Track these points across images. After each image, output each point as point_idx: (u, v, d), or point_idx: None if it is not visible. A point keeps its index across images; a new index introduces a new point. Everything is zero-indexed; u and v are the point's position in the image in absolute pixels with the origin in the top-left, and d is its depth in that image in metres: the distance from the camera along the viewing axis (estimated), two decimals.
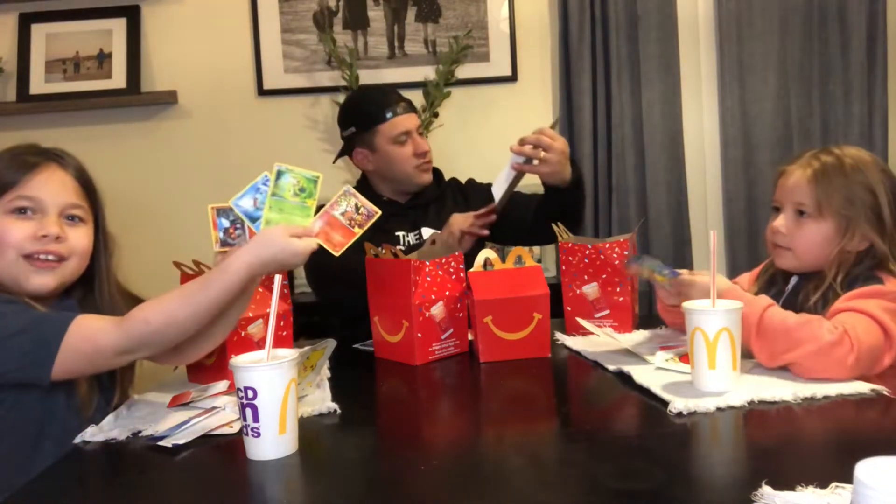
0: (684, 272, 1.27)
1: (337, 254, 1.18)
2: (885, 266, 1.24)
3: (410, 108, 1.90)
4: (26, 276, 1.14)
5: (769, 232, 1.34)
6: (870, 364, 1.12)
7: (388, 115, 1.84)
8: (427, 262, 1.39)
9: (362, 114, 1.89)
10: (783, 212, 1.32)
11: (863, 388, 1.05)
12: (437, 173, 2.02)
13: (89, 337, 1.06)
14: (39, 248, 1.14)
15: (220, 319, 1.13)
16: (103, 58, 2.58)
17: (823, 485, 0.72)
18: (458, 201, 1.99)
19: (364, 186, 1.97)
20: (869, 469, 0.52)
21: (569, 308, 1.52)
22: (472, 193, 2.02)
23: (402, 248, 1.80)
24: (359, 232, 1.19)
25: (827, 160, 1.29)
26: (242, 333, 1.26)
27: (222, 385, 1.21)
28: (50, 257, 1.15)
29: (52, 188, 1.17)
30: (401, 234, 1.86)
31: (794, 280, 1.34)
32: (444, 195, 1.98)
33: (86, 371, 1.10)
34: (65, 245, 1.17)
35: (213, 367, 1.27)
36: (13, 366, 1.05)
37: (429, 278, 1.39)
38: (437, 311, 1.39)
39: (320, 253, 1.15)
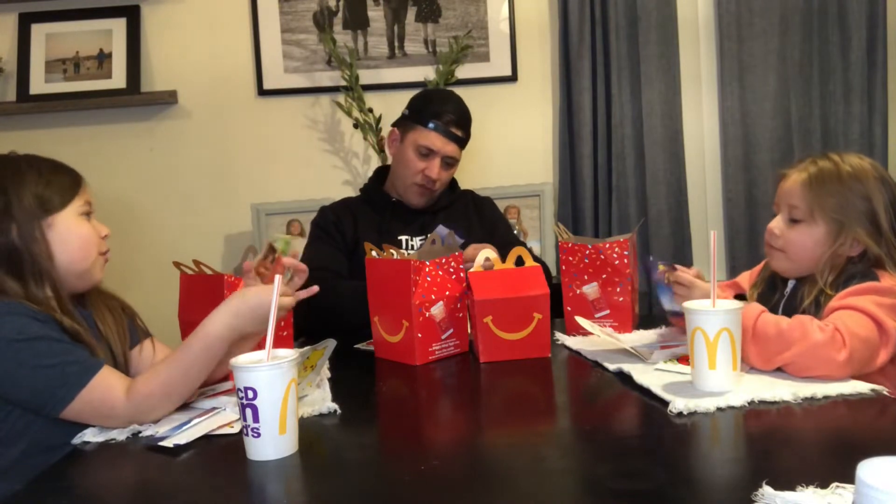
0: (684, 270, 1.28)
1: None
2: (881, 265, 1.24)
3: (457, 139, 1.86)
4: (100, 270, 1.26)
5: (766, 233, 1.36)
6: (864, 360, 1.12)
7: (431, 125, 1.84)
8: (427, 262, 1.39)
9: (419, 106, 1.90)
10: (779, 214, 1.34)
11: (863, 388, 1.05)
12: (452, 180, 2.00)
13: (107, 398, 1.08)
14: (106, 245, 1.27)
15: None
16: (103, 58, 2.58)
17: (824, 485, 0.72)
18: (469, 213, 1.97)
19: (377, 181, 1.97)
20: (871, 469, 0.52)
21: (569, 308, 1.52)
22: (488, 212, 2.01)
23: (406, 252, 1.79)
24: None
25: (824, 166, 1.30)
26: None
27: (228, 384, 1.21)
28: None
29: (91, 195, 1.28)
30: (404, 238, 1.86)
31: (791, 283, 1.35)
32: (457, 204, 1.97)
33: (91, 423, 1.10)
34: None
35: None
36: (30, 396, 1.08)
37: (429, 278, 1.39)
38: (437, 311, 1.39)
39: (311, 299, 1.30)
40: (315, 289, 1.34)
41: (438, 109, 1.86)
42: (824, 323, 1.14)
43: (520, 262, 1.42)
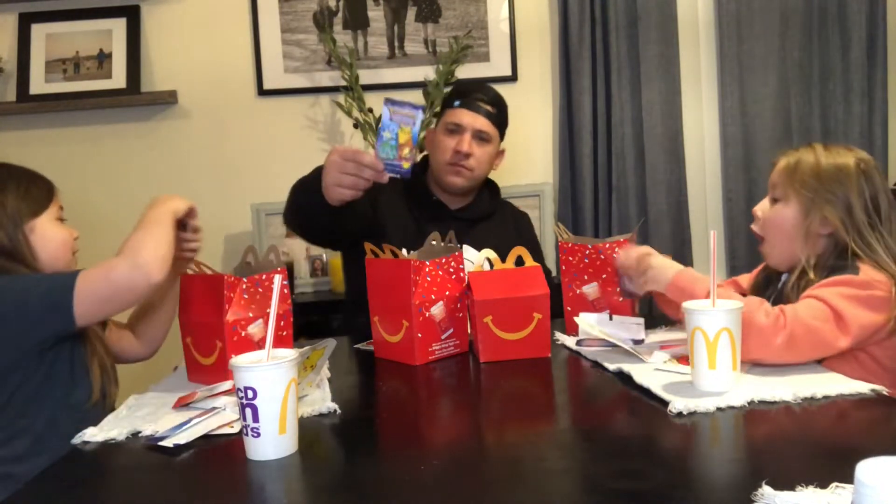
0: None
1: None
2: (856, 255, 1.26)
3: (487, 113, 1.81)
4: (75, 268, 1.35)
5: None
6: (811, 345, 1.15)
7: (456, 103, 1.81)
8: (427, 262, 1.39)
9: (446, 96, 1.89)
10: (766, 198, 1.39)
11: (863, 388, 1.05)
12: (493, 188, 1.95)
13: (102, 265, 1.21)
14: (77, 246, 1.40)
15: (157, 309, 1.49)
16: (103, 58, 2.58)
17: (823, 485, 0.72)
18: (509, 227, 1.91)
19: (420, 176, 1.87)
20: (870, 469, 0.52)
21: (569, 308, 1.52)
22: (525, 233, 1.95)
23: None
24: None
25: (805, 152, 1.35)
26: (242, 333, 1.26)
27: (228, 384, 1.21)
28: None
29: (62, 200, 1.40)
30: (435, 243, 1.78)
31: (784, 276, 1.37)
32: (496, 214, 1.91)
33: (106, 296, 1.20)
34: None
35: (213, 367, 1.27)
36: (44, 292, 1.19)
37: (429, 278, 1.39)
38: (437, 311, 1.39)
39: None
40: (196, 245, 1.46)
41: (465, 89, 1.85)
42: (770, 308, 1.17)
43: (520, 262, 1.42)
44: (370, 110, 2.50)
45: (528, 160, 2.70)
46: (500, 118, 1.85)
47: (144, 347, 1.52)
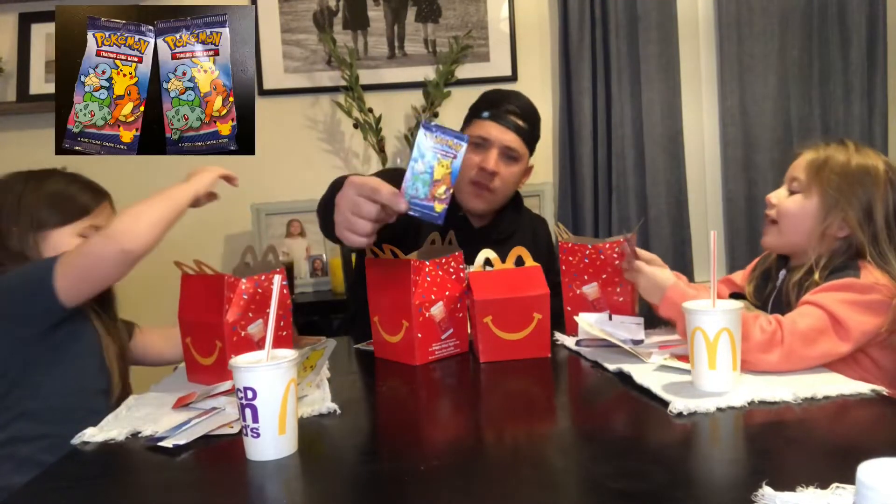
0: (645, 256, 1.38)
1: None
2: (863, 255, 1.25)
3: (517, 128, 1.69)
4: None
5: (766, 204, 1.40)
6: (812, 358, 1.15)
7: (486, 114, 1.70)
8: (427, 262, 1.39)
9: (476, 102, 1.77)
10: (782, 187, 1.38)
11: (863, 388, 1.05)
12: (517, 201, 1.85)
13: (81, 244, 1.25)
14: None
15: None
16: None
17: (824, 485, 0.72)
18: (527, 240, 1.78)
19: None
20: (871, 470, 0.52)
21: (569, 308, 1.51)
22: (543, 245, 1.86)
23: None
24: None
25: (836, 149, 1.34)
26: (242, 333, 1.26)
27: (228, 385, 1.21)
28: None
29: (105, 221, 1.43)
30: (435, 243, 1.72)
31: (782, 273, 1.37)
32: (519, 232, 1.81)
33: (89, 275, 1.22)
34: None
35: (213, 367, 1.27)
36: (26, 275, 1.23)
37: (429, 278, 1.39)
38: (437, 311, 1.38)
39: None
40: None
41: (495, 99, 1.72)
42: (768, 321, 1.16)
43: (520, 262, 1.42)
44: (370, 110, 2.50)
45: None
46: (531, 134, 1.74)
47: (175, 352, 1.50)
